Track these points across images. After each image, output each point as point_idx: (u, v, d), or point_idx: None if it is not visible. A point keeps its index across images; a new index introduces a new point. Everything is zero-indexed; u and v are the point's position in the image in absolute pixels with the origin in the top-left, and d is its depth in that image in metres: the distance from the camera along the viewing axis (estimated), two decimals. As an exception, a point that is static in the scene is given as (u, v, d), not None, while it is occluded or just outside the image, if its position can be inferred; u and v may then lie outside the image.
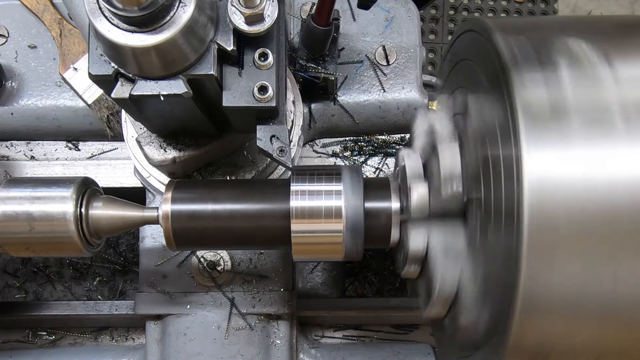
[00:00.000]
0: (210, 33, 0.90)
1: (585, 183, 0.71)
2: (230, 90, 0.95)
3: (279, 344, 1.32)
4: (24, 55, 1.42)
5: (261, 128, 1.00)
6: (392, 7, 1.42)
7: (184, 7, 0.84)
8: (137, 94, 0.90)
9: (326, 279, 1.51)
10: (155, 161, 1.15)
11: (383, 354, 1.40)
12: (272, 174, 1.29)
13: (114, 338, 1.48)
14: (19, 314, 1.43)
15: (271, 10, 0.90)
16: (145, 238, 1.32)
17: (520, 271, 0.72)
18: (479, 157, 0.86)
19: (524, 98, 0.74)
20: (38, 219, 1.01)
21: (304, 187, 1.01)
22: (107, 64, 0.89)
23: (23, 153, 1.45)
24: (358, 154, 1.44)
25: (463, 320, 0.93)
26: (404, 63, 1.41)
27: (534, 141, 0.72)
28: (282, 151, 0.99)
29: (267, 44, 0.94)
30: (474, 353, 0.92)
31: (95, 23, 0.84)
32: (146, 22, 0.83)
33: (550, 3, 2.90)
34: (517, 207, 0.72)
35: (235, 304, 1.30)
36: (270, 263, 1.32)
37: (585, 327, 0.77)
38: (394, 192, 1.03)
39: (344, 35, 1.41)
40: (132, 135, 1.22)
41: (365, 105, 1.41)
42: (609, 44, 0.82)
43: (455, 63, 1.02)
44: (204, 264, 1.30)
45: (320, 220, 1.00)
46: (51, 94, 1.41)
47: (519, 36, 0.83)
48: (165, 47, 0.85)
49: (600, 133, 0.73)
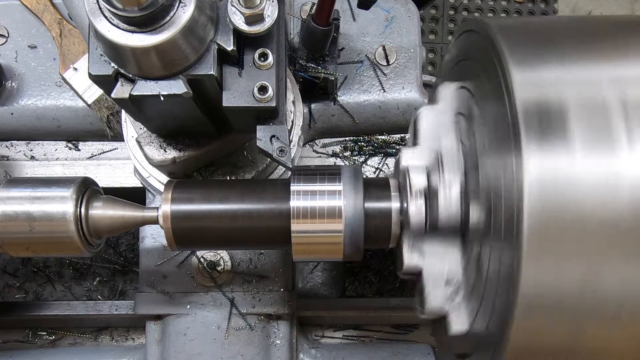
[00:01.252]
0: (210, 33, 0.90)
1: (585, 184, 0.71)
2: (230, 90, 0.95)
3: (279, 344, 1.32)
4: (24, 55, 1.42)
5: (261, 128, 1.00)
6: (392, 7, 1.42)
7: (184, 7, 0.84)
8: (137, 94, 0.90)
9: (326, 279, 1.51)
10: (155, 161, 1.15)
11: (383, 354, 1.40)
12: (272, 174, 1.29)
13: (114, 338, 1.48)
14: (19, 314, 1.43)
15: (271, 10, 0.90)
16: (145, 238, 1.32)
17: (521, 272, 0.72)
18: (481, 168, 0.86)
19: (524, 98, 0.74)
20: (38, 219, 1.01)
21: (304, 187, 1.01)
22: (107, 64, 0.89)
23: (23, 153, 1.45)
24: (358, 154, 1.44)
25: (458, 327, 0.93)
26: (404, 63, 1.41)
27: (534, 142, 0.72)
28: (282, 151, 0.99)
29: (267, 44, 0.94)
30: (473, 353, 0.92)
31: (95, 23, 0.84)
32: (146, 22, 0.83)
33: (550, 3, 2.90)
34: (517, 207, 0.72)
35: (235, 304, 1.30)
36: (270, 263, 1.32)
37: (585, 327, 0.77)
38: (394, 192, 1.02)
39: (344, 35, 1.41)
40: (132, 135, 1.22)
41: (365, 105, 1.41)
42: (609, 43, 0.82)
43: (456, 63, 1.02)
44: (204, 264, 1.30)
45: (320, 220, 1.00)
46: (51, 94, 1.41)
47: (519, 36, 0.83)
48: (165, 47, 0.85)
49: (600, 133, 0.73)
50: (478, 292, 0.88)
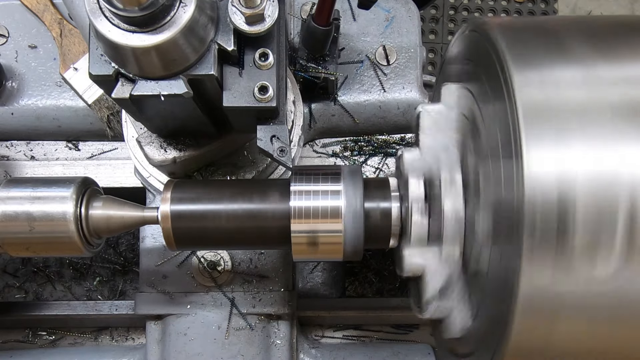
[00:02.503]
0: (211, 33, 0.90)
1: (585, 182, 0.71)
2: (230, 91, 0.95)
3: (279, 344, 1.32)
4: (24, 55, 1.42)
5: (261, 128, 1.00)
6: (392, 7, 1.42)
7: (184, 7, 0.84)
8: (138, 94, 0.90)
9: (326, 279, 1.51)
10: (156, 161, 1.15)
11: (383, 354, 1.40)
12: (273, 174, 1.29)
13: (114, 338, 1.49)
14: (19, 314, 1.44)
15: (271, 10, 0.90)
16: (146, 238, 1.32)
17: (521, 273, 0.72)
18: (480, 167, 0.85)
19: (525, 98, 0.74)
20: (38, 219, 1.01)
21: (304, 187, 1.01)
22: (107, 64, 0.89)
23: (23, 153, 1.45)
24: (358, 154, 1.44)
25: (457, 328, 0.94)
26: (405, 63, 1.41)
27: (535, 143, 0.72)
28: (283, 151, 0.99)
29: (268, 44, 0.94)
30: (473, 353, 0.92)
31: (95, 23, 0.84)
32: (147, 22, 0.83)
33: (550, 3, 2.90)
34: (517, 209, 0.72)
35: (236, 304, 1.30)
36: (271, 263, 1.32)
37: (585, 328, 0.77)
38: (394, 193, 1.02)
39: (344, 35, 1.41)
40: (132, 135, 1.22)
41: (365, 105, 1.41)
42: (609, 44, 0.82)
43: (456, 64, 1.02)
44: (204, 264, 1.30)
45: (320, 220, 1.00)
46: (51, 94, 1.41)
47: (519, 36, 0.83)
48: (165, 47, 0.85)
49: (600, 133, 0.73)
50: (478, 293, 0.88)
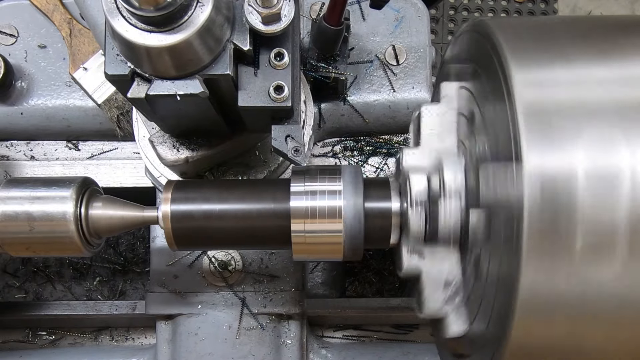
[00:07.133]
0: (227, 33, 0.90)
1: (585, 183, 0.71)
2: (246, 90, 0.95)
3: (289, 344, 1.32)
4: (34, 55, 1.42)
5: (276, 128, 1.00)
6: (401, 7, 1.42)
7: (201, 7, 0.84)
8: (154, 94, 0.89)
9: (326, 279, 1.51)
10: (168, 161, 1.15)
11: (393, 353, 1.40)
12: (284, 173, 1.29)
13: (114, 338, 1.48)
14: (19, 314, 1.43)
15: (288, 10, 0.90)
16: (157, 238, 1.32)
17: (520, 275, 0.72)
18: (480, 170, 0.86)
19: (524, 98, 0.74)
20: (38, 219, 1.01)
21: (304, 187, 1.00)
22: (123, 63, 0.89)
23: (23, 153, 1.45)
24: (358, 154, 1.44)
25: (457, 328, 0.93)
26: (414, 63, 1.41)
27: (535, 144, 0.72)
28: (297, 151, 1.00)
29: (283, 44, 0.94)
30: (473, 353, 0.92)
31: (112, 22, 0.83)
32: (164, 22, 0.83)
33: (550, 3, 2.91)
34: (517, 210, 0.72)
35: (247, 303, 1.30)
36: (282, 263, 1.32)
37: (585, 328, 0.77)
38: (394, 193, 1.02)
39: (354, 35, 1.41)
40: (143, 135, 1.21)
41: (375, 105, 1.41)
42: (609, 44, 0.82)
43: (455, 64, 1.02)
44: (215, 264, 1.30)
45: (320, 220, 0.99)
46: (61, 94, 1.41)
47: (519, 36, 0.82)
48: (182, 47, 0.84)
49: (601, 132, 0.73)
50: (477, 294, 0.88)
